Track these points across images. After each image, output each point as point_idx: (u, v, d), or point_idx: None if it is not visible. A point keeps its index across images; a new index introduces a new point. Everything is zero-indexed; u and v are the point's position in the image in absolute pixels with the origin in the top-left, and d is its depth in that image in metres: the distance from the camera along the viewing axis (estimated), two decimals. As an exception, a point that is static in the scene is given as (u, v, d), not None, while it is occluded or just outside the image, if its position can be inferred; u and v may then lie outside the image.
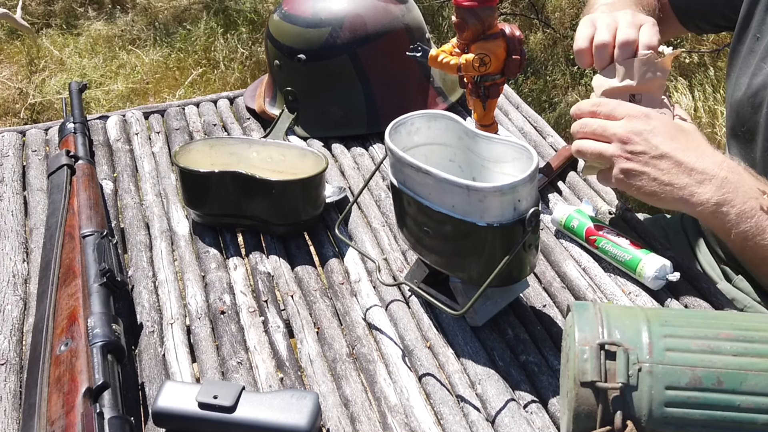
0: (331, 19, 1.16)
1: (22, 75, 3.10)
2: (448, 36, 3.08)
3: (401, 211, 0.83)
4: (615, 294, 0.88)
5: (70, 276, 0.81)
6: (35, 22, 3.46)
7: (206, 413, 0.70)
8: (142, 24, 3.47)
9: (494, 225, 0.74)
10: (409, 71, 1.21)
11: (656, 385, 0.60)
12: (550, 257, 0.95)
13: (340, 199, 1.05)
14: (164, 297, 0.89)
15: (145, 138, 1.21)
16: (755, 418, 0.59)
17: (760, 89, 0.94)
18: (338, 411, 0.75)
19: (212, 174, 0.96)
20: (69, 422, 0.64)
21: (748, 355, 0.60)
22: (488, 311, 0.84)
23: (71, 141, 1.07)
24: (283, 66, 1.20)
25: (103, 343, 0.72)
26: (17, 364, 0.81)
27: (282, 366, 0.81)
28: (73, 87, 1.20)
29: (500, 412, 0.74)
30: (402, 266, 0.94)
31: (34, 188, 1.08)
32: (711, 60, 2.88)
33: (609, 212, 1.02)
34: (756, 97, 0.95)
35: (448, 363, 0.80)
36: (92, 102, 2.87)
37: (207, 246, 0.97)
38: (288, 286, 0.91)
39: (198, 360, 0.82)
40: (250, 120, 1.26)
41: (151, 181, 1.10)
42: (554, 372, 0.78)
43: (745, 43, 0.99)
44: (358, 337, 0.84)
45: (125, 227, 1.02)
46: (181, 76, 3.03)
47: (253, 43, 3.21)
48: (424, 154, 0.85)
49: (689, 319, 0.64)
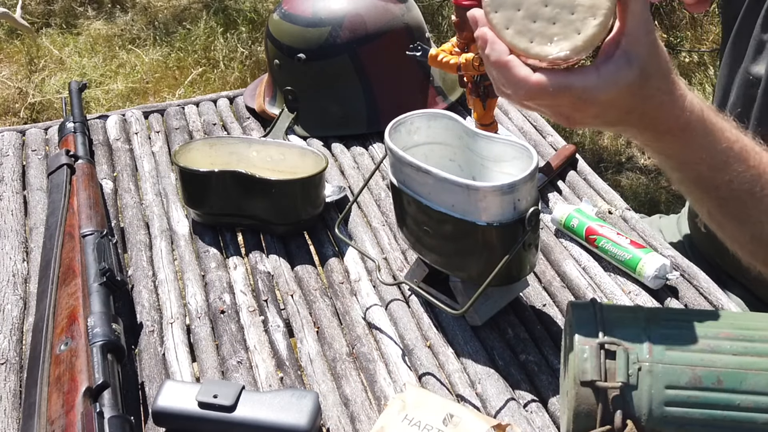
0: (331, 18, 1.16)
1: (21, 74, 3.09)
2: (448, 35, 3.07)
3: (401, 210, 0.83)
4: (615, 293, 0.88)
5: (70, 275, 0.81)
6: (35, 22, 3.46)
7: (206, 413, 0.70)
8: (141, 23, 3.46)
9: (494, 224, 0.74)
10: (409, 70, 1.21)
11: (656, 384, 0.60)
12: (550, 256, 0.95)
13: (340, 199, 1.05)
14: (164, 296, 0.89)
15: (145, 137, 1.21)
16: (755, 417, 0.59)
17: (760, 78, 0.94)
18: (338, 410, 0.75)
19: (212, 173, 0.95)
20: (69, 421, 0.64)
21: (748, 355, 0.60)
22: (488, 310, 0.84)
23: (71, 140, 1.07)
24: (282, 65, 1.20)
25: (103, 342, 0.72)
26: (17, 363, 0.81)
27: (282, 365, 0.81)
28: (72, 86, 1.20)
29: (500, 411, 0.74)
30: (402, 265, 0.94)
31: (34, 188, 1.08)
32: (711, 59, 2.88)
33: (609, 212, 1.02)
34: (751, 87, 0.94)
35: (448, 362, 0.80)
36: (92, 101, 2.87)
37: (207, 245, 0.97)
38: (288, 285, 0.91)
39: (198, 359, 0.82)
40: (250, 119, 1.26)
41: (151, 181, 1.10)
42: (554, 371, 0.78)
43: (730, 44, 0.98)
44: (358, 337, 0.84)
45: (125, 227, 1.02)
46: (181, 76, 3.03)
47: (253, 43, 3.21)
48: (424, 153, 0.85)
49: (689, 318, 0.64)
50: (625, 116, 0.63)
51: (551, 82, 0.59)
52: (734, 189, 0.67)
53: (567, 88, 0.59)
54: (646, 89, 0.61)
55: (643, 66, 0.60)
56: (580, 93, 0.59)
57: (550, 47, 0.58)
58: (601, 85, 0.59)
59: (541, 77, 0.59)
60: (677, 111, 0.63)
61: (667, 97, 0.62)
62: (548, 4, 0.59)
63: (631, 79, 0.60)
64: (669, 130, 0.64)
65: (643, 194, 2.31)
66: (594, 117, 0.63)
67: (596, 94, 0.60)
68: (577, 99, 0.60)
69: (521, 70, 0.60)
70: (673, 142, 0.65)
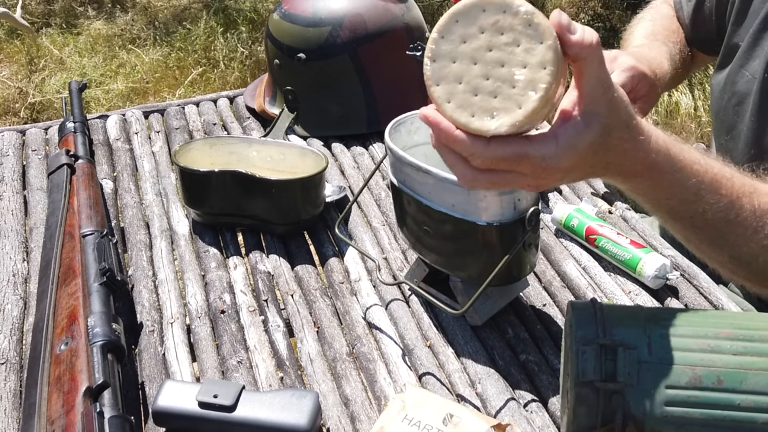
0: (331, 18, 1.16)
1: (21, 74, 3.09)
2: (448, 35, 3.07)
3: (401, 210, 0.83)
4: (615, 293, 0.88)
5: (70, 275, 0.81)
6: (35, 22, 3.46)
7: (206, 412, 0.70)
8: (141, 23, 3.46)
9: (494, 224, 0.74)
10: (409, 70, 1.21)
11: (656, 384, 0.60)
12: (550, 256, 0.95)
13: (340, 199, 1.05)
14: (164, 296, 0.89)
15: (145, 137, 1.21)
16: (755, 417, 0.59)
17: (744, 96, 0.94)
18: (338, 410, 0.75)
19: (212, 173, 0.96)
20: (69, 421, 0.64)
21: (748, 354, 0.60)
22: (488, 310, 0.84)
23: (71, 140, 1.07)
24: (283, 65, 1.20)
25: (103, 342, 0.72)
26: (17, 363, 0.81)
27: (282, 365, 0.81)
28: (73, 86, 1.20)
29: (500, 411, 0.74)
30: (402, 265, 0.94)
31: (34, 187, 1.08)
32: (711, 59, 2.87)
33: (609, 211, 1.02)
34: (740, 105, 0.95)
35: (448, 362, 0.80)
36: (92, 101, 2.87)
37: (207, 245, 0.97)
38: (288, 285, 0.91)
39: (198, 359, 0.82)
40: (250, 119, 1.26)
41: (151, 181, 1.10)
42: (554, 371, 0.78)
43: (727, 52, 0.99)
44: (358, 337, 0.84)
45: (125, 226, 1.02)
46: (181, 76, 3.03)
47: (253, 43, 3.21)
48: (424, 153, 0.85)
49: (689, 318, 0.64)
50: (590, 170, 0.63)
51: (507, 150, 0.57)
52: (708, 218, 0.67)
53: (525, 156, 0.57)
54: (608, 142, 0.60)
55: (604, 123, 0.59)
56: (539, 161, 0.58)
57: (491, 122, 0.56)
58: (561, 153, 0.58)
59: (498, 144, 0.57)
60: (642, 154, 0.62)
61: (630, 144, 0.61)
62: (489, 77, 0.57)
63: (591, 139, 0.58)
64: (636, 174, 0.64)
65: (643, 194, 2.30)
66: (559, 180, 0.63)
67: (557, 162, 0.58)
68: (536, 167, 0.58)
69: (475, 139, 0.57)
70: (642, 183, 0.65)
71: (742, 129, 0.95)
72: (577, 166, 0.60)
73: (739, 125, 0.95)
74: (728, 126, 0.97)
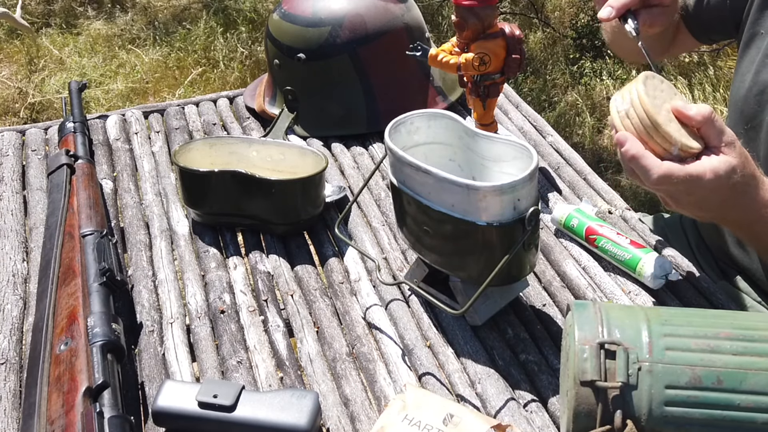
0: (331, 18, 1.16)
1: (21, 74, 3.09)
2: (448, 35, 3.07)
3: (401, 210, 0.83)
4: (615, 293, 0.88)
5: (70, 275, 0.81)
6: (35, 22, 3.46)
7: (206, 412, 0.70)
8: (141, 23, 3.47)
9: (494, 224, 0.74)
10: (409, 70, 1.21)
11: (656, 384, 0.60)
12: (550, 256, 0.95)
13: (339, 199, 1.05)
14: (164, 296, 0.89)
15: (145, 137, 1.21)
16: (755, 417, 0.59)
17: (767, 86, 0.94)
18: (338, 410, 0.75)
19: (212, 173, 0.96)
20: (69, 421, 0.64)
21: (748, 354, 0.60)
22: (488, 310, 0.84)
23: (71, 140, 1.07)
24: (282, 65, 1.20)
25: (102, 342, 0.72)
26: (17, 363, 0.81)
27: (282, 365, 0.81)
28: (72, 86, 1.20)
29: (500, 411, 0.74)
30: (402, 265, 0.94)
31: (34, 187, 1.08)
32: (711, 59, 2.88)
33: (609, 211, 1.02)
34: (763, 94, 0.95)
35: (448, 362, 0.80)
36: (92, 101, 2.87)
37: (207, 245, 0.97)
38: (288, 285, 0.91)
39: (198, 359, 0.82)
40: (250, 119, 1.26)
41: (151, 181, 1.10)
42: (554, 371, 0.78)
43: (750, 40, 0.99)
44: (358, 337, 0.84)
45: (125, 227, 1.02)
46: (181, 76, 3.03)
47: (253, 43, 3.21)
48: (424, 153, 0.85)
49: (689, 318, 0.64)
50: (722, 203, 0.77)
51: (676, 170, 0.73)
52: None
53: (687, 175, 0.73)
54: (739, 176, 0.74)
55: (740, 151, 0.75)
56: (694, 179, 0.73)
57: (693, 142, 0.74)
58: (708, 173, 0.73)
59: (670, 165, 0.73)
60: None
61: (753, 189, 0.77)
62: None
63: (734, 163, 0.74)
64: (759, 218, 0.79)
65: (643, 194, 2.31)
66: (697, 202, 0.77)
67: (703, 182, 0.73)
68: (690, 185, 0.74)
69: (652, 159, 0.74)
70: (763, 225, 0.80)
71: (764, 118, 0.94)
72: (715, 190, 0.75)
73: (760, 115, 0.95)
74: (749, 116, 0.97)
